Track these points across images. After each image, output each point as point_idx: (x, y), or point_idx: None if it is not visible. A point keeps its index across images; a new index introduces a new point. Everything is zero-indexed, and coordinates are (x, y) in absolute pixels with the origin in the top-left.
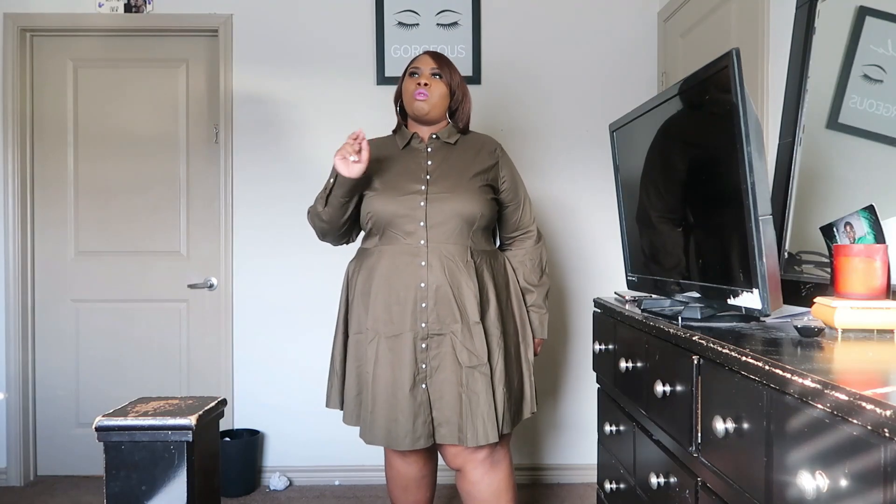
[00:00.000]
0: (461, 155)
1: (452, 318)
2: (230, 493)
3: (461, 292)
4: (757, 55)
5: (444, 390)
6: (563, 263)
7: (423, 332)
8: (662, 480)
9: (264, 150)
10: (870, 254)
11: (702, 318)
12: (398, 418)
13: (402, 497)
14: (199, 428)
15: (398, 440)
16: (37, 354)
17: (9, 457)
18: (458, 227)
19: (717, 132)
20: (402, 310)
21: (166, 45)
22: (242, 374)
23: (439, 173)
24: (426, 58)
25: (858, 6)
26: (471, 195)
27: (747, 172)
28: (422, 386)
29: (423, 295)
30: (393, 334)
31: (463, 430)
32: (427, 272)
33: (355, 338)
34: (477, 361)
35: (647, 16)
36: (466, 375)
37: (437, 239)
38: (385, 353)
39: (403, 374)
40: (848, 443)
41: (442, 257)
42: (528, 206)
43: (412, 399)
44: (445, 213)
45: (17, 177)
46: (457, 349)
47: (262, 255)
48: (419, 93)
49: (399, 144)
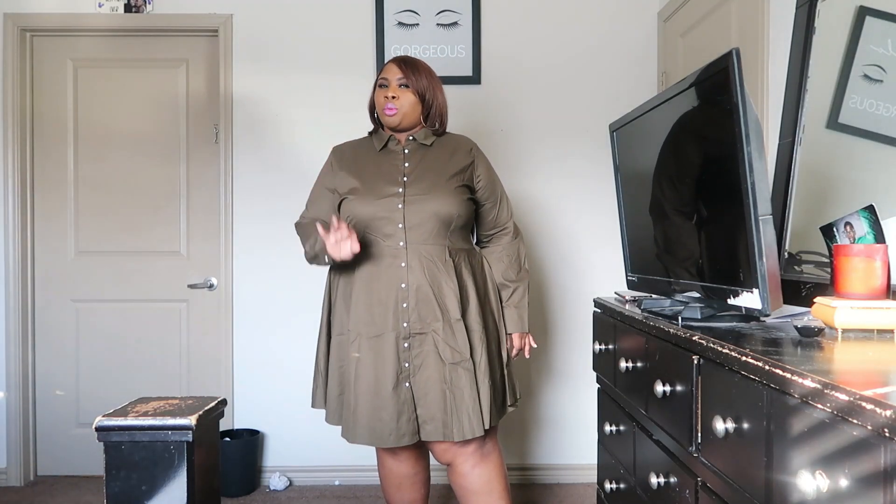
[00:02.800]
0: (437, 156)
1: (433, 316)
2: (230, 493)
3: (441, 291)
4: (757, 55)
5: (428, 388)
6: (563, 263)
7: (405, 332)
8: (662, 480)
9: (264, 150)
10: (870, 254)
11: (702, 318)
12: (382, 416)
13: (397, 496)
14: (199, 428)
15: (382, 438)
16: (37, 354)
17: (9, 457)
18: (435, 227)
19: (717, 132)
20: (384, 310)
21: (166, 45)
22: (242, 374)
23: (416, 175)
24: (392, 67)
25: (858, 6)
26: (448, 196)
27: (747, 172)
28: (405, 384)
29: (403, 295)
30: (375, 335)
31: (448, 426)
32: (407, 273)
33: (337, 339)
34: (460, 358)
35: (647, 16)
36: (450, 372)
37: (415, 240)
38: (367, 353)
39: (386, 373)
40: (848, 443)
41: (421, 258)
42: (506, 203)
43: (396, 397)
44: (423, 214)
45: (17, 177)
46: (439, 347)
47: (262, 255)
48: (388, 108)
49: (376, 146)
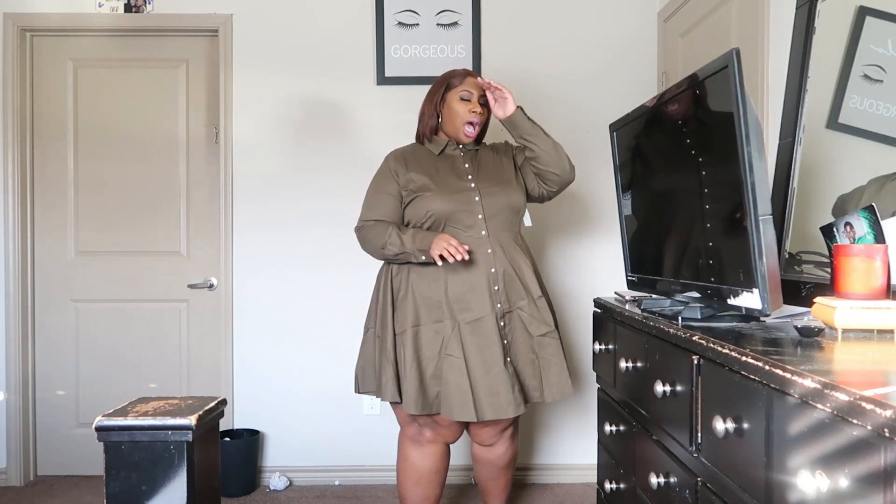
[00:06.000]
0: (489, 158)
1: (519, 295)
2: (230, 493)
3: (523, 272)
4: (757, 55)
5: (519, 359)
6: (564, 263)
7: (500, 312)
8: (662, 480)
9: (264, 150)
10: (870, 254)
11: (702, 318)
12: (499, 391)
13: (413, 490)
14: (199, 428)
15: (504, 409)
16: (37, 354)
17: (9, 457)
18: (509, 216)
19: (717, 132)
20: (481, 295)
21: (166, 45)
22: (242, 374)
23: (479, 173)
24: (475, 82)
25: (858, 6)
26: (514, 188)
27: (747, 172)
28: (508, 358)
29: (494, 279)
30: (474, 319)
31: (539, 390)
32: (494, 258)
33: (413, 330)
34: (547, 329)
35: (647, 16)
36: (537, 344)
37: (494, 228)
38: (469, 337)
39: (493, 352)
40: (848, 443)
41: (502, 244)
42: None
43: (506, 371)
44: (498, 205)
45: (17, 177)
46: (525, 322)
47: (262, 255)
48: (473, 123)
49: (434, 151)
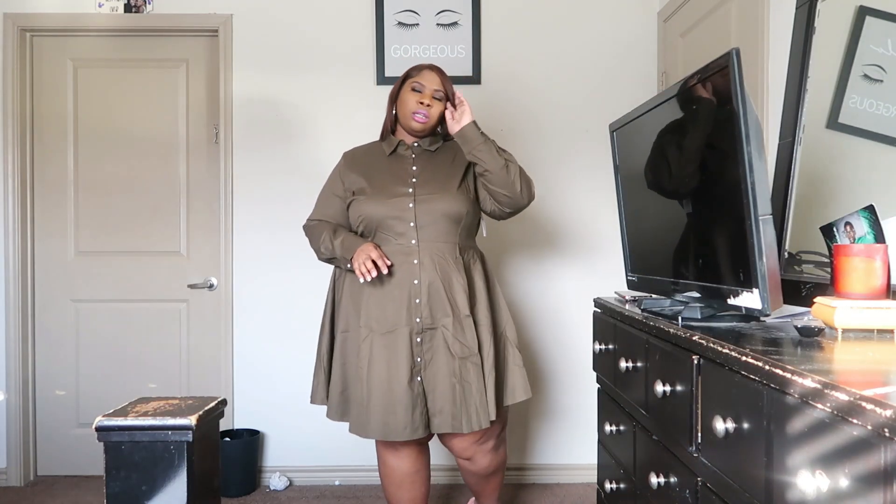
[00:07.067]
0: (443, 160)
1: (444, 312)
2: (230, 493)
3: (452, 287)
4: (757, 55)
5: (438, 381)
6: (564, 263)
7: (418, 327)
8: (662, 480)
9: (264, 150)
10: (870, 254)
11: (702, 318)
12: (396, 411)
13: (397, 494)
14: (199, 428)
15: (396, 431)
16: (37, 354)
17: (9, 457)
18: (445, 226)
19: (717, 132)
20: (398, 306)
21: (166, 46)
22: (242, 374)
23: (424, 177)
24: (432, 75)
25: (858, 6)
26: (455, 195)
27: (747, 172)
28: (417, 378)
29: (416, 291)
30: (387, 330)
31: (458, 418)
32: (419, 269)
33: (342, 336)
34: (468, 352)
35: (647, 16)
36: (459, 366)
37: (427, 238)
38: (380, 349)
39: (400, 368)
40: (848, 443)
41: (433, 255)
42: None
43: (410, 391)
44: (433, 213)
45: (17, 177)
46: (449, 342)
47: (262, 256)
48: (420, 113)
49: (386, 151)
